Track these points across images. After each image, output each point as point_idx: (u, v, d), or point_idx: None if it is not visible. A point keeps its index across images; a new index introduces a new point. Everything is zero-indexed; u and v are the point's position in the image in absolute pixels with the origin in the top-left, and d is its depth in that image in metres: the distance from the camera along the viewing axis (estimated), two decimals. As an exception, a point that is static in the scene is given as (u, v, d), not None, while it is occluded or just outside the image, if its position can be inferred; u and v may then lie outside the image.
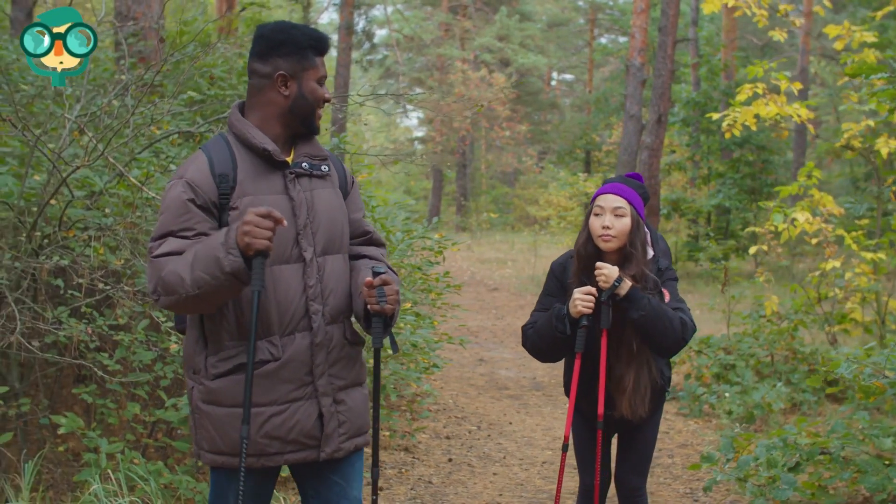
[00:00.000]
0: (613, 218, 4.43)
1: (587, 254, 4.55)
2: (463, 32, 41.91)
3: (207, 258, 3.23)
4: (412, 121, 54.38)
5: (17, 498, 5.37)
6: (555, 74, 54.70)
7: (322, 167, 3.60)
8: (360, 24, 43.50)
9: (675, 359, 10.82)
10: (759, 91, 9.58)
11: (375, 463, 3.73)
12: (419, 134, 50.06)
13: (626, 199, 4.44)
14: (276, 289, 3.42)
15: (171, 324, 5.77)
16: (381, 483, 7.27)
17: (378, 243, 3.83)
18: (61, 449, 6.35)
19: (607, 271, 4.39)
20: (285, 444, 3.49)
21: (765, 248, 10.97)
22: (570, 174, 33.91)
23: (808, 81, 29.01)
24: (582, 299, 4.40)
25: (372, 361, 4.09)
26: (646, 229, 4.54)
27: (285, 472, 5.49)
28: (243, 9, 25.66)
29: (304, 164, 3.54)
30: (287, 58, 3.48)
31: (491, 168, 46.73)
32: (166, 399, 5.96)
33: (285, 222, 3.30)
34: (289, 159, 3.54)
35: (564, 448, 4.71)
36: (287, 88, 3.50)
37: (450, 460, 8.06)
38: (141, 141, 6.93)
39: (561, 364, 4.96)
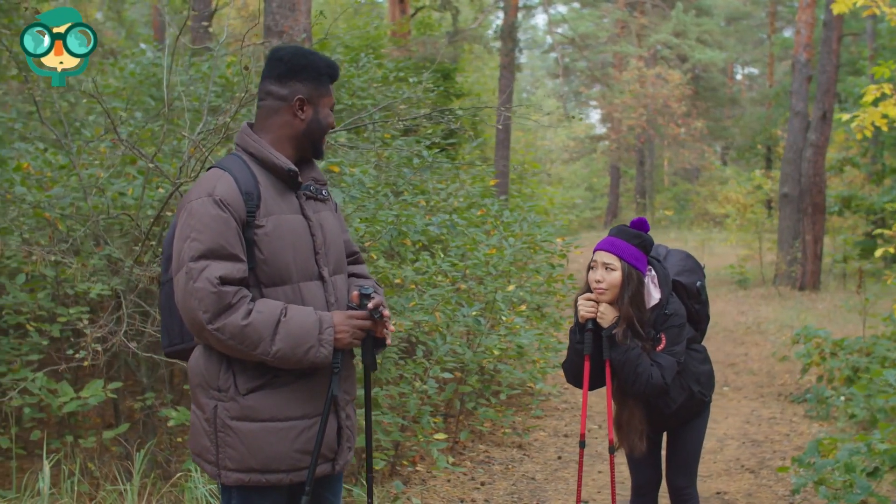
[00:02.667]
0: (604, 272, 4.75)
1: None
2: (639, 29, 41.66)
3: (298, 339, 3.36)
4: (593, 118, 54.26)
5: (128, 482, 5.93)
6: (738, 68, 53.72)
7: (323, 191, 3.75)
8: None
9: (806, 361, 10.76)
10: (887, 92, 9.44)
11: (370, 469, 3.86)
12: (601, 131, 49.90)
13: (616, 254, 4.73)
14: (305, 304, 3.55)
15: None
16: (484, 478, 7.59)
17: (361, 261, 4.04)
18: (180, 440, 6.92)
19: (584, 308, 4.79)
20: (317, 458, 3.55)
21: (891, 249, 10.77)
22: (748, 170, 33.32)
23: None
24: (584, 305, 4.78)
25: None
26: (653, 272, 4.80)
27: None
28: (415, 13, 26.44)
29: (311, 188, 3.68)
30: (306, 83, 3.57)
31: (672, 165, 46.30)
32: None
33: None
34: (301, 181, 3.67)
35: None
36: (304, 112, 3.59)
37: (559, 458, 8.30)
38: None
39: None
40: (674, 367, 4.75)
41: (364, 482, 6.71)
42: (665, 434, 5.19)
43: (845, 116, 10.09)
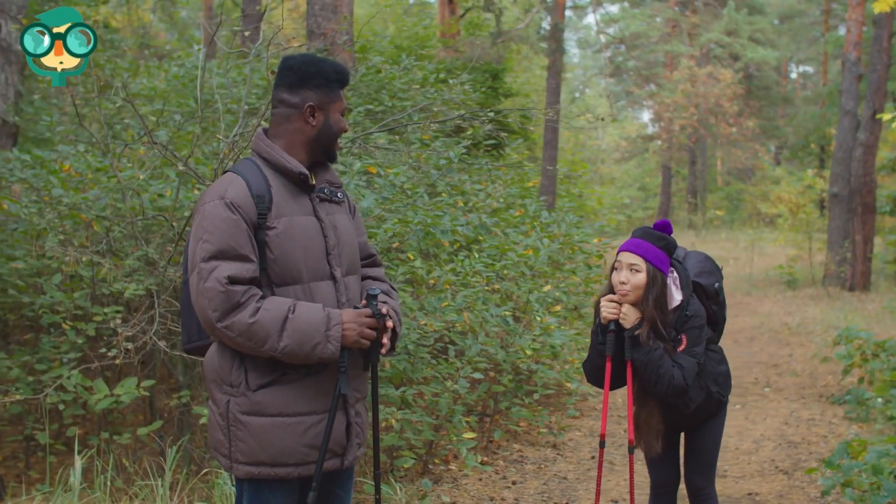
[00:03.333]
0: (629, 274, 4.77)
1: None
2: (691, 28, 41.43)
3: (305, 336, 3.45)
4: (645, 117, 54.04)
5: (160, 476, 6.07)
6: (793, 67, 53.22)
7: (338, 194, 3.85)
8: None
9: (847, 362, 10.69)
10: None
11: (377, 466, 3.92)
12: (652, 130, 49.68)
13: (641, 256, 4.76)
14: (315, 303, 3.65)
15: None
16: (515, 477, 7.64)
17: (379, 264, 4.12)
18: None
19: (607, 310, 4.81)
20: (325, 453, 3.62)
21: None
22: (801, 170, 33.06)
23: None
24: (606, 306, 4.82)
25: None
26: (675, 274, 4.83)
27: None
28: (464, 14, 26.49)
29: (325, 190, 3.78)
30: (316, 90, 3.67)
31: (725, 164, 45.99)
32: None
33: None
34: (314, 183, 3.76)
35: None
36: (315, 119, 3.68)
37: (592, 458, 8.33)
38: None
39: (737, 364, 5.28)
40: (694, 367, 4.79)
41: (390, 479, 6.81)
42: (683, 434, 5.23)
43: (887, 116, 10.02)
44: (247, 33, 13.01)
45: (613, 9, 46.08)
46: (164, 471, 6.12)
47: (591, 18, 45.01)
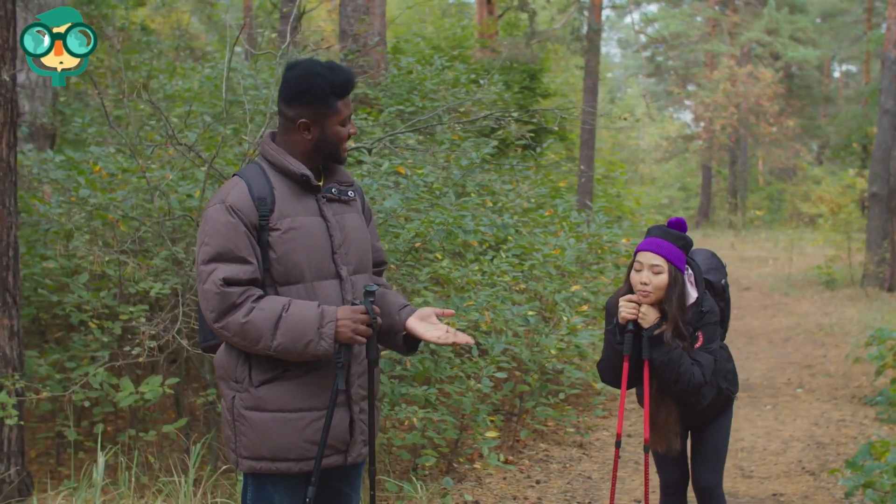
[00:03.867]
0: (651, 274, 4.74)
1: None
2: (731, 27, 41.21)
3: (297, 333, 3.51)
4: (685, 117, 53.80)
5: (184, 473, 6.16)
6: (836, 66, 52.80)
7: (349, 193, 3.88)
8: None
9: (879, 363, 10.61)
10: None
11: (372, 462, 3.92)
12: (693, 130, 49.46)
13: (663, 256, 4.73)
14: (319, 301, 3.70)
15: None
16: (540, 476, 7.68)
17: (383, 270, 4.19)
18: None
19: (626, 310, 4.77)
20: (326, 449, 3.68)
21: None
22: (843, 169, 32.78)
23: None
24: (625, 306, 4.79)
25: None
26: (690, 272, 4.84)
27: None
28: (501, 14, 26.51)
29: (333, 190, 3.81)
30: (309, 106, 3.68)
31: (766, 164, 45.72)
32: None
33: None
34: (319, 184, 3.80)
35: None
36: (310, 133, 3.72)
37: (618, 457, 8.33)
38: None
39: (771, 365, 5.28)
40: (711, 364, 4.80)
41: (412, 477, 6.87)
42: (690, 433, 5.25)
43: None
44: (273, 35, 13.12)
45: (653, 8, 45.94)
46: (188, 468, 6.20)
47: (631, 17, 44.75)
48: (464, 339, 3.69)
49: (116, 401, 6.27)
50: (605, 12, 54.60)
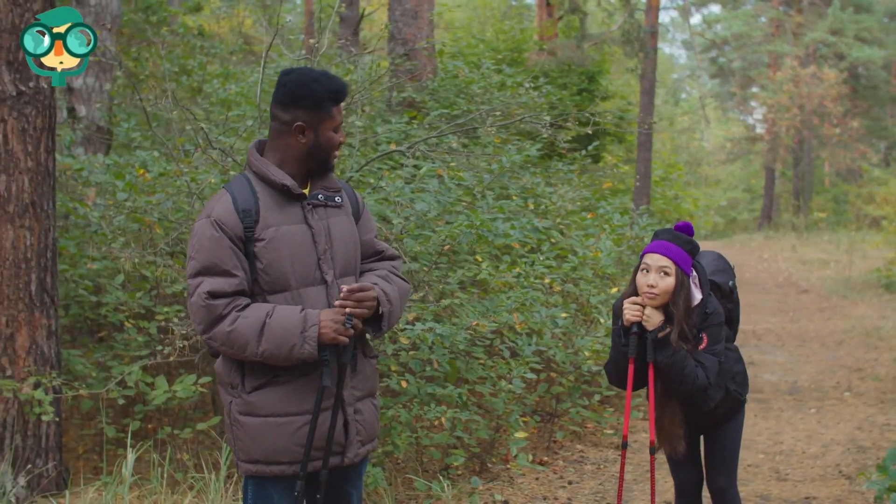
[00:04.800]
0: (658, 277, 4.75)
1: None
2: (795, 28, 40.79)
3: (281, 339, 3.61)
4: (750, 119, 53.29)
5: (214, 470, 6.32)
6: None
7: (336, 198, 3.94)
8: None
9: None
10: None
11: (325, 465, 3.87)
12: (758, 131, 49.00)
13: (671, 258, 4.76)
14: (305, 308, 3.75)
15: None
16: (572, 477, 7.72)
17: (392, 258, 4.20)
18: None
19: (630, 312, 4.79)
20: (315, 451, 3.78)
21: None
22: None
23: None
24: (630, 308, 4.81)
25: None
26: (694, 273, 4.87)
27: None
28: (560, 17, 26.53)
29: (319, 196, 3.88)
30: (306, 110, 3.76)
31: (832, 165, 45.17)
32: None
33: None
34: (305, 191, 3.89)
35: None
36: (305, 137, 3.79)
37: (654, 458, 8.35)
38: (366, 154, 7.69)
39: (821, 368, 5.29)
40: (716, 365, 4.83)
41: (439, 477, 6.95)
42: (702, 436, 5.29)
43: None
44: (317, 39, 13.28)
45: (716, 8, 45.60)
46: (220, 465, 6.36)
47: (693, 19, 44.52)
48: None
49: (149, 399, 6.44)
50: (671, 13, 54.41)
